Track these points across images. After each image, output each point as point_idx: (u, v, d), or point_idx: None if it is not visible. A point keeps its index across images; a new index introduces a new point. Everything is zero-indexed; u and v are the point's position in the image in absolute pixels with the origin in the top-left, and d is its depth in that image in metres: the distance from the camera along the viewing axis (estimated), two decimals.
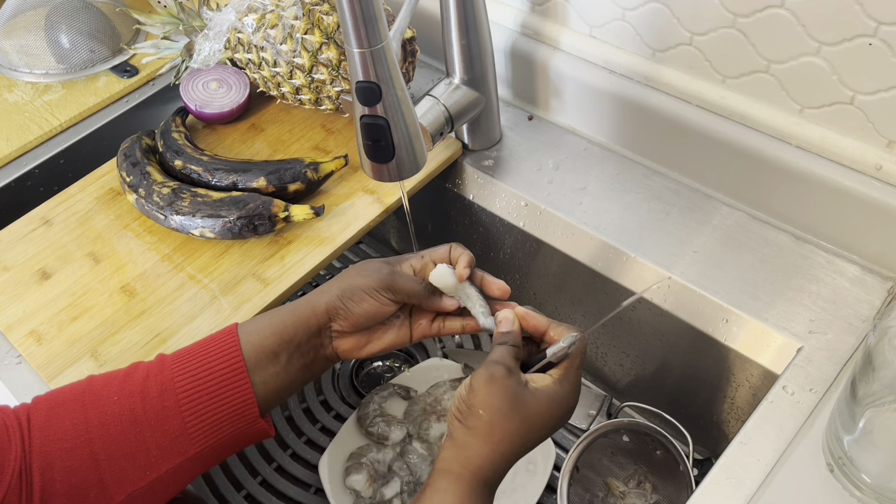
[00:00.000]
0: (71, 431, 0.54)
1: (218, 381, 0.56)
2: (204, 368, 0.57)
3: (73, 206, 0.84)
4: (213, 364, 0.57)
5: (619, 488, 0.82)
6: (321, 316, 0.60)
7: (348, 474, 0.83)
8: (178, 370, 0.56)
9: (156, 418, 0.55)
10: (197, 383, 0.56)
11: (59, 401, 0.55)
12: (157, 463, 0.55)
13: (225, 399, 0.56)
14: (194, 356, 0.57)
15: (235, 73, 0.91)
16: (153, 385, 0.56)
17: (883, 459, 0.55)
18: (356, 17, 0.52)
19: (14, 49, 1.02)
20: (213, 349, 0.58)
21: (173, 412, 0.55)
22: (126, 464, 0.54)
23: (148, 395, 0.55)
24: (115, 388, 0.56)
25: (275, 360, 0.58)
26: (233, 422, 0.57)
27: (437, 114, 0.79)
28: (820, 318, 0.69)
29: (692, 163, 0.79)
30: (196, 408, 0.56)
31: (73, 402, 0.55)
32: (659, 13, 0.73)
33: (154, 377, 0.56)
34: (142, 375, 0.56)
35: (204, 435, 0.56)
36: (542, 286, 0.89)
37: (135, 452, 0.54)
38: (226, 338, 0.58)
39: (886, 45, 0.61)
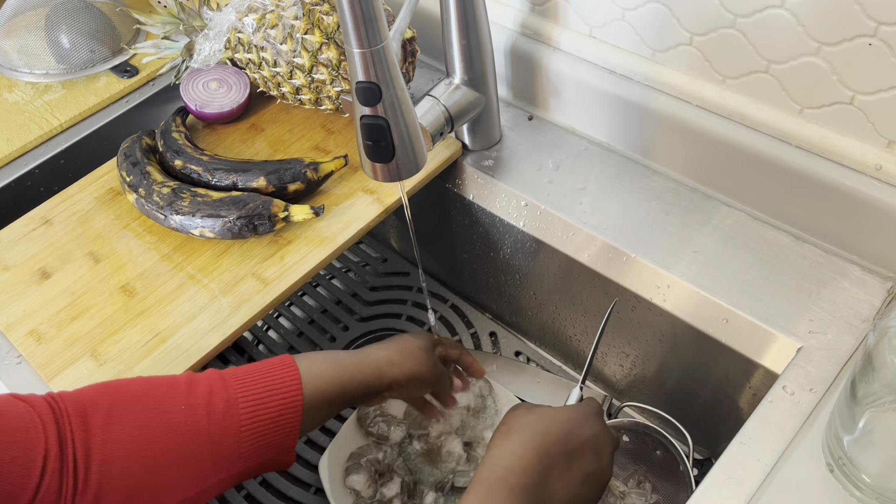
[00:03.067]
0: (134, 433, 0.54)
1: (276, 411, 0.59)
2: (267, 396, 0.59)
3: (73, 205, 0.84)
4: (275, 393, 0.59)
5: (619, 488, 0.82)
6: (384, 386, 0.67)
7: (348, 474, 0.83)
8: (241, 391, 0.58)
9: (217, 433, 0.56)
10: (258, 407, 0.58)
11: (119, 399, 0.56)
12: (207, 475, 0.56)
13: (277, 429, 0.59)
14: (256, 381, 0.59)
15: (235, 73, 0.91)
16: (219, 401, 0.57)
17: (883, 459, 0.55)
18: (356, 17, 0.52)
19: (14, 49, 1.02)
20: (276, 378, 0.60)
21: (233, 430, 0.57)
22: (181, 472, 0.55)
23: (213, 410, 0.57)
24: (180, 396, 0.57)
25: (326, 406, 0.63)
26: (275, 449, 0.60)
27: (437, 114, 0.79)
28: (820, 318, 0.69)
29: (692, 163, 0.79)
30: (253, 430, 0.58)
31: (135, 404, 0.56)
32: (659, 13, 0.73)
33: (219, 393, 0.58)
34: (206, 389, 0.58)
35: (250, 457, 0.58)
36: (542, 286, 0.89)
37: (191, 462, 0.55)
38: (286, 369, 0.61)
39: (886, 45, 0.61)
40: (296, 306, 1.07)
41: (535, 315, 0.95)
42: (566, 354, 0.96)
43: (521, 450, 0.56)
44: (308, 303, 1.08)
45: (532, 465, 0.55)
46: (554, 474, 0.56)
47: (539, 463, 0.56)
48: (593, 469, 0.59)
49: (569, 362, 0.97)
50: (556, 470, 0.57)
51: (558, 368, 0.98)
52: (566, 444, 0.58)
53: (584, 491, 0.59)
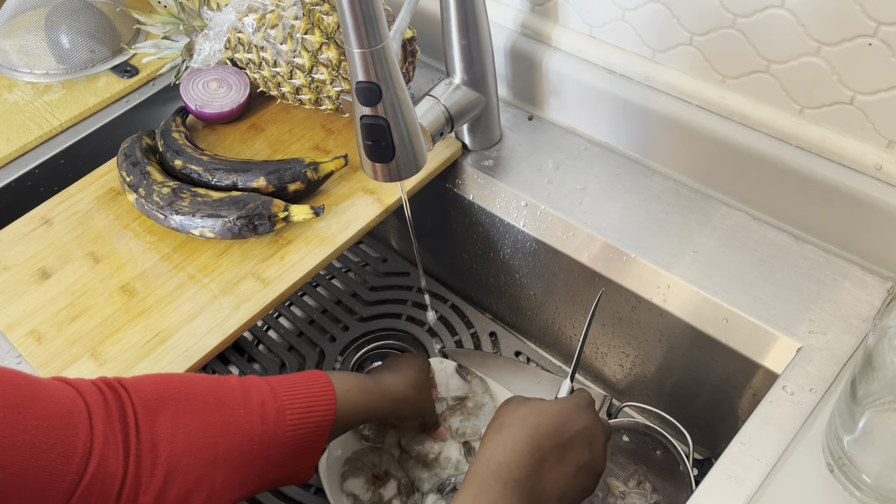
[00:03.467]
0: (200, 431, 0.55)
1: (315, 425, 0.61)
2: (309, 409, 0.61)
3: (73, 205, 0.84)
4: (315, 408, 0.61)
5: (619, 488, 0.82)
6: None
7: (346, 479, 0.83)
8: (287, 403, 0.60)
9: (268, 440, 0.58)
10: (302, 420, 0.60)
11: (185, 396, 0.57)
12: (253, 479, 0.58)
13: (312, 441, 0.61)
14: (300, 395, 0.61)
15: (235, 73, 0.91)
16: (271, 410, 0.59)
17: (883, 459, 0.55)
18: (356, 17, 0.52)
19: (14, 49, 1.02)
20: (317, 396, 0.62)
21: (279, 440, 0.59)
22: (235, 474, 0.56)
23: (267, 418, 0.58)
24: (238, 400, 0.58)
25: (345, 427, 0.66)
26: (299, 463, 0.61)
27: (437, 114, 0.79)
28: (820, 318, 0.69)
29: (692, 163, 0.79)
30: (294, 441, 0.59)
31: (200, 402, 0.57)
32: (659, 13, 0.73)
33: (270, 403, 0.59)
34: (258, 396, 0.59)
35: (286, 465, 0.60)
36: (542, 286, 0.89)
37: (244, 465, 0.57)
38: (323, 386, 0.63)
39: (886, 45, 0.61)
40: (296, 306, 1.07)
41: (535, 315, 0.95)
42: (566, 354, 0.96)
43: (513, 444, 0.56)
44: (308, 303, 1.08)
45: (525, 458, 0.56)
46: (547, 467, 0.57)
47: (532, 456, 0.56)
48: (586, 460, 0.60)
49: (569, 362, 0.97)
50: (548, 462, 0.57)
51: (558, 368, 0.98)
52: (558, 436, 0.58)
53: (578, 482, 0.59)
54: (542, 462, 0.57)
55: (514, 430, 0.58)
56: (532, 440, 0.57)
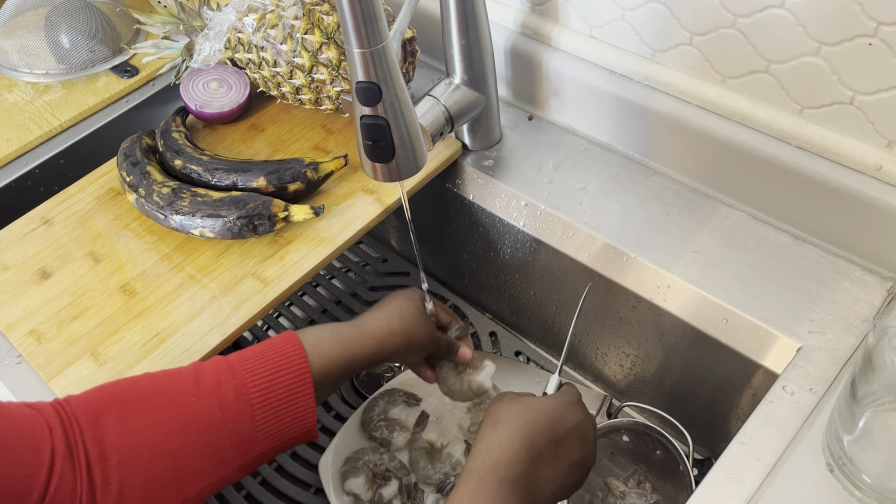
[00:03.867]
0: (150, 429, 0.55)
1: (287, 389, 0.59)
2: (275, 376, 0.59)
3: (73, 205, 0.84)
4: (283, 373, 0.60)
5: (619, 488, 0.82)
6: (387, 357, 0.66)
7: (346, 478, 0.83)
8: (249, 376, 0.59)
9: (232, 419, 0.57)
10: (269, 390, 0.59)
11: (129, 398, 0.57)
12: (227, 460, 0.58)
13: (291, 408, 0.59)
14: (264, 363, 0.60)
15: (235, 73, 0.91)
16: (228, 389, 0.58)
17: (883, 459, 0.55)
18: (356, 17, 0.52)
19: (14, 49, 1.02)
20: (281, 358, 0.61)
21: (247, 415, 0.58)
22: (201, 461, 0.56)
23: (225, 399, 0.58)
24: (188, 388, 0.58)
25: (333, 383, 0.63)
26: (294, 428, 0.60)
27: (437, 114, 0.79)
28: (820, 318, 0.69)
29: (692, 163, 0.79)
30: (266, 413, 0.58)
31: (146, 401, 0.57)
32: (659, 13, 0.73)
33: (227, 381, 0.58)
34: (214, 379, 0.59)
35: (269, 438, 0.59)
36: (542, 286, 0.89)
37: (211, 450, 0.57)
38: (293, 348, 0.61)
39: (886, 45, 0.61)
40: (296, 306, 1.07)
41: (535, 315, 0.95)
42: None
43: (508, 441, 0.57)
44: (308, 303, 1.08)
45: (520, 455, 0.57)
46: (542, 463, 0.58)
47: (527, 453, 0.57)
48: (579, 456, 0.61)
49: (569, 362, 0.97)
50: (543, 459, 0.58)
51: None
52: (553, 433, 0.59)
53: (571, 478, 0.60)
54: (537, 458, 0.57)
55: (509, 427, 0.58)
56: (527, 437, 0.57)
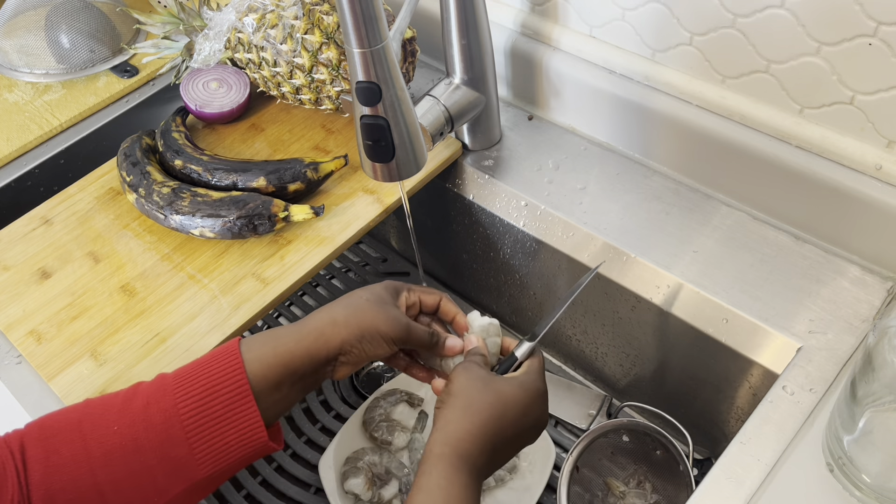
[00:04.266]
0: (71, 463, 0.52)
1: (223, 405, 0.55)
2: (208, 393, 0.55)
3: (73, 205, 0.84)
4: (217, 388, 0.55)
5: (619, 488, 0.82)
6: (332, 350, 0.59)
7: (346, 478, 0.83)
8: (181, 395, 0.55)
9: (161, 446, 0.54)
10: (202, 408, 0.55)
11: (55, 431, 0.54)
12: (164, 490, 0.54)
13: (232, 424, 0.55)
14: (197, 380, 0.56)
15: (235, 73, 0.91)
16: (156, 412, 0.54)
17: (883, 459, 0.55)
18: (356, 17, 0.52)
19: (14, 49, 1.02)
20: (216, 372, 0.56)
21: (179, 439, 0.54)
22: (132, 493, 0.53)
23: (151, 423, 0.54)
24: (114, 416, 0.54)
25: (277, 390, 0.57)
26: (242, 446, 0.56)
27: (437, 114, 0.79)
28: (820, 318, 0.69)
29: (692, 163, 0.79)
30: (202, 434, 0.54)
31: (71, 433, 0.53)
32: (659, 13, 0.73)
33: (156, 404, 0.55)
34: (142, 402, 0.55)
35: (212, 460, 0.55)
36: (542, 286, 0.89)
37: (140, 481, 0.53)
38: (229, 359, 0.57)
39: (886, 45, 0.61)
40: (296, 306, 1.07)
41: (535, 315, 0.95)
42: (566, 354, 0.96)
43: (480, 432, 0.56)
44: (308, 303, 1.08)
45: (486, 447, 0.56)
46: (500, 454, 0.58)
47: (492, 446, 0.56)
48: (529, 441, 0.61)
49: (569, 362, 0.97)
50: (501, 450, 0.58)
51: (558, 368, 0.98)
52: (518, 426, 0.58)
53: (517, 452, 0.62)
54: (499, 450, 0.58)
55: (482, 417, 0.56)
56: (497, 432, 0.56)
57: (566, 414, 0.91)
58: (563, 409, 0.92)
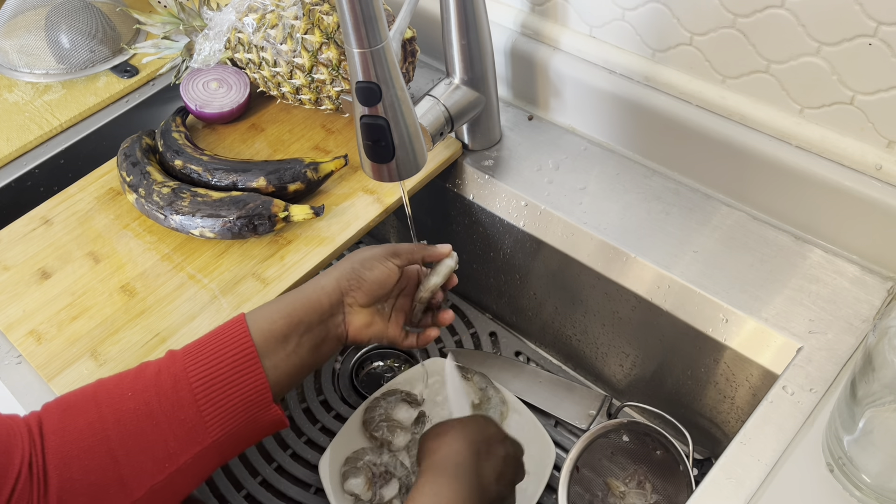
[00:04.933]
0: (87, 431, 0.54)
1: (230, 367, 0.57)
2: (215, 357, 0.57)
3: (73, 205, 0.84)
4: (224, 352, 0.58)
5: (619, 488, 0.82)
6: (332, 293, 0.63)
7: (346, 478, 0.83)
8: (189, 361, 0.57)
9: (171, 409, 0.55)
10: (209, 372, 0.57)
11: (71, 403, 0.56)
12: (175, 455, 0.56)
13: (238, 385, 0.57)
14: (204, 347, 0.58)
15: (235, 73, 0.91)
16: (166, 378, 0.56)
17: (883, 459, 0.55)
18: (356, 17, 0.52)
19: (14, 49, 1.02)
20: (223, 338, 0.59)
21: (188, 402, 0.56)
22: (144, 458, 0.55)
23: (162, 388, 0.56)
24: (127, 385, 0.56)
25: (284, 343, 0.60)
26: (247, 408, 0.58)
27: (437, 114, 0.79)
28: (820, 318, 0.69)
29: (692, 163, 0.79)
30: (210, 395, 0.56)
31: (86, 403, 0.55)
32: (659, 13, 0.73)
33: (166, 370, 0.57)
34: (153, 371, 0.57)
35: (220, 422, 0.57)
36: (542, 286, 0.89)
37: (152, 446, 0.55)
38: (235, 326, 0.59)
39: (886, 45, 0.61)
40: None
41: (535, 315, 0.95)
42: (566, 354, 0.96)
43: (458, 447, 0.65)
44: None
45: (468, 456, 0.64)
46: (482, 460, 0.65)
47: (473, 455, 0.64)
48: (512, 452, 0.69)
49: (569, 362, 0.97)
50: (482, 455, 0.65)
51: (558, 368, 0.98)
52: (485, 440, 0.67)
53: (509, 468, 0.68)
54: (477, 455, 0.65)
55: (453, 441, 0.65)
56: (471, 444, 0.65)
57: (566, 414, 0.91)
58: (563, 409, 0.92)
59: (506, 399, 0.90)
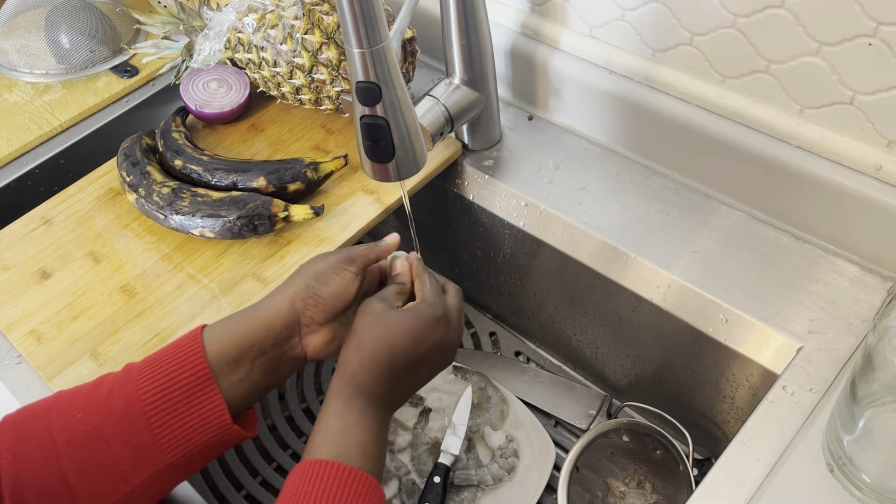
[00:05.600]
0: (38, 451, 0.53)
1: (184, 390, 0.55)
2: (169, 378, 0.56)
3: (73, 205, 0.84)
4: (178, 373, 0.56)
5: (619, 488, 0.82)
6: (287, 315, 0.59)
7: None
8: (143, 382, 0.55)
9: (123, 433, 0.54)
10: (163, 394, 0.55)
11: (25, 420, 0.55)
12: (128, 476, 0.54)
13: (193, 408, 0.55)
14: (159, 366, 0.56)
15: (235, 73, 0.91)
16: (118, 399, 0.55)
17: (883, 459, 0.55)
18: (356, 17, 0.52)
19: (14, 49, 1.02)
20: (177, 357, 0.57)
21: (141, 425, 0.54)
22: (97, 479, 0.53)
23: (113, 410, 0.54)
24: (79, 404, 0.55)
25: (236, 367, 0.57)
26: (205, 430, 0.56)
27: (437, 114, 0.79)
28: (820, 318, 0.69)
29: (692, 163, 0.79)
30: (164, 419, 0.54)
31: (38, 421, 0.54)
32: (659, 13, 0.73)
33: (118, 391, 0.55)
34: (107, 389, 0.55)
35: (176, 445, 0.55)
36: (542, 286, 0.89)
37: (105, 468, 0.54)
38: (190, 344, 0.57)
39: (886, 45, 0.61)
40: None
41: (535, 315, 0.95)
42: (566, 354, 0.96)
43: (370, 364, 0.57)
44: None
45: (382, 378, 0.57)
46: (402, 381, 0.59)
47: (388, 374, 0.58)
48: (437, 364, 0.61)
49: (569, 362, 0.97)
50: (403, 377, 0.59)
51: (558, 368, 0.98)
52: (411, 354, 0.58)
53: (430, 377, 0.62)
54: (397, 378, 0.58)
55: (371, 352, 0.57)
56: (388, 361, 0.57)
57: (566, 414, 0.91)
58: (563, 409, 0.92)
59: (506, 399, 0.90)
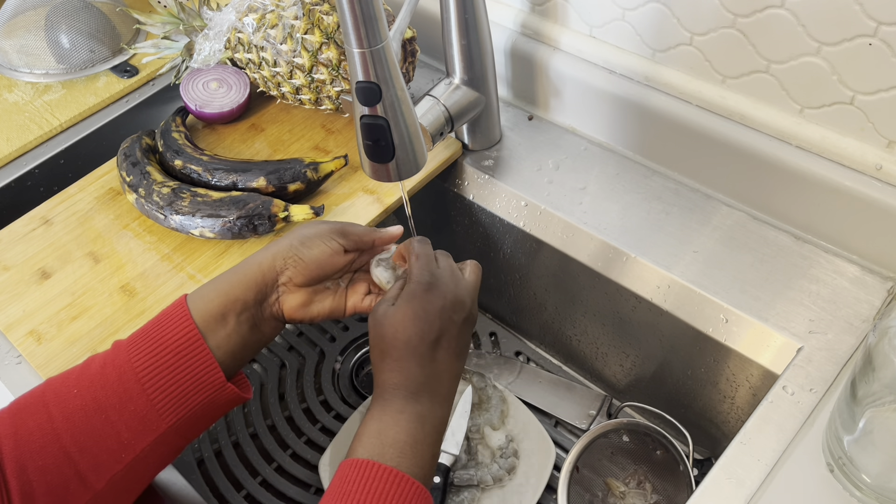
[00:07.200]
0: (37, 432, 0.54)
1: (175, 352, 0.56)
2: (159, 344, 0.57)
3: (73, 205, 0.84)
4: (167, 337, 0.57)
5: (619, 488, 0.82)
6: (267, 271, 0.60)
7: None
8: (133, 351, 0.57)
9: (119, 402, 0.55)
10: (155, 359, 0.56)
11: (21, 406, 0.56)
12: (130, 444, 0.55)
13: (186, 369, 0.56)
14: (147, 334, 0.58)
15: (235, 73, 0.91)
16: (111, 371, 0.56)
17: (883, 459, 0.55)
18: (356, 17, 0.52)
19: (14, 49, 1.02)
20: (164, 323, 0.58)
21: (136, 392, 0.55)
22: (99, 451, 0.55)
23: (108, 381, 0.55)
24: (73, 381, 0.56)
25: (223, 322, 0.58)
26: (200, 390, 0.57)
27: (437, 114, 0.79)
28: (820, 318, 0.69)
29: (692, 163, 0.79)
30: (158, 384, 0.56)
31: (35, 405, 0.55)
32: (659, 13, 0.73)
33: (110, 363, 0.56)
34: (98, 365, 0.57)
35: (173, 408, 0.56)
36: (542, 286, 0.89)
37: (105, 439, 0.55)
38: (176, 309, 0.58)
39: (886, 45, 0.61)
40: None
41: (535, 315, 0.95)
42: (566, 354, 0.96)
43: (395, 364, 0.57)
44: None
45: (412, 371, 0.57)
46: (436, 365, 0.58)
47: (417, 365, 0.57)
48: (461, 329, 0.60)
49: (569, 362, 0.97)
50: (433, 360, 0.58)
51: (558, 368, 0.98)
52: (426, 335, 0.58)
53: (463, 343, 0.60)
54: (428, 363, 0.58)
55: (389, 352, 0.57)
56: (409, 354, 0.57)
57: (566, 414, 0.91)
58: (563, 409, 0.92)
59: (506, 399, 0.90)
